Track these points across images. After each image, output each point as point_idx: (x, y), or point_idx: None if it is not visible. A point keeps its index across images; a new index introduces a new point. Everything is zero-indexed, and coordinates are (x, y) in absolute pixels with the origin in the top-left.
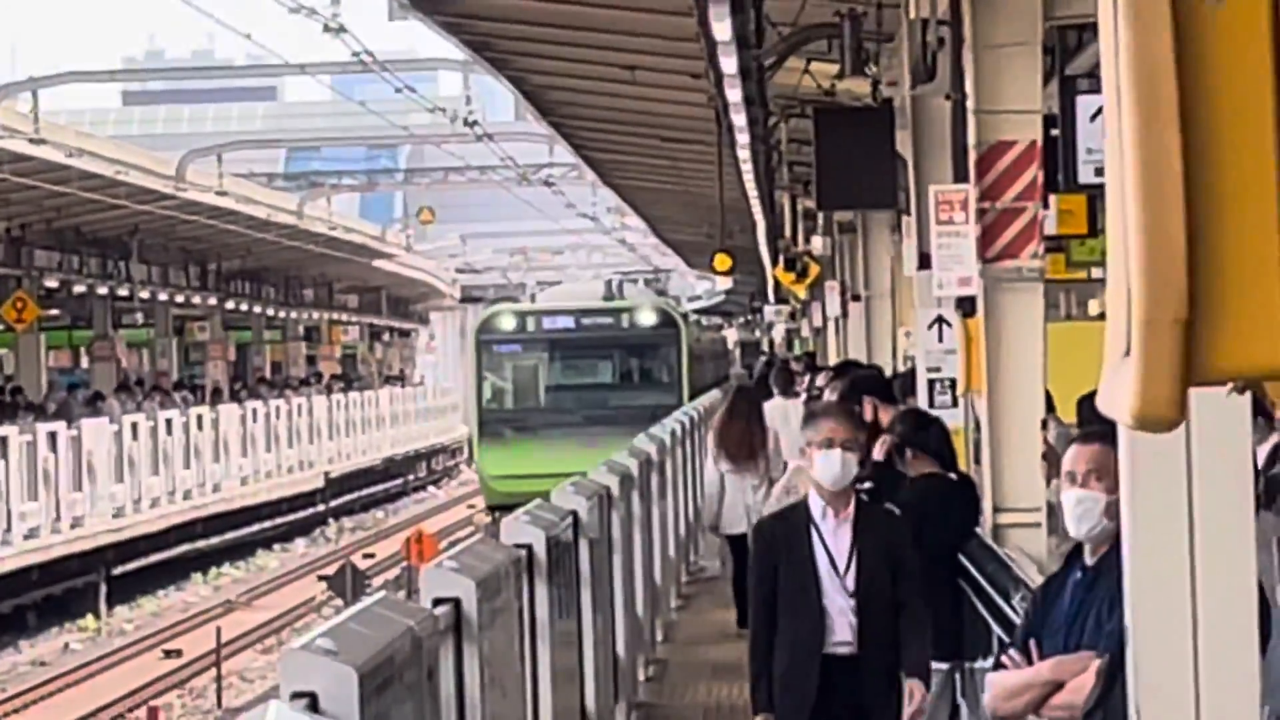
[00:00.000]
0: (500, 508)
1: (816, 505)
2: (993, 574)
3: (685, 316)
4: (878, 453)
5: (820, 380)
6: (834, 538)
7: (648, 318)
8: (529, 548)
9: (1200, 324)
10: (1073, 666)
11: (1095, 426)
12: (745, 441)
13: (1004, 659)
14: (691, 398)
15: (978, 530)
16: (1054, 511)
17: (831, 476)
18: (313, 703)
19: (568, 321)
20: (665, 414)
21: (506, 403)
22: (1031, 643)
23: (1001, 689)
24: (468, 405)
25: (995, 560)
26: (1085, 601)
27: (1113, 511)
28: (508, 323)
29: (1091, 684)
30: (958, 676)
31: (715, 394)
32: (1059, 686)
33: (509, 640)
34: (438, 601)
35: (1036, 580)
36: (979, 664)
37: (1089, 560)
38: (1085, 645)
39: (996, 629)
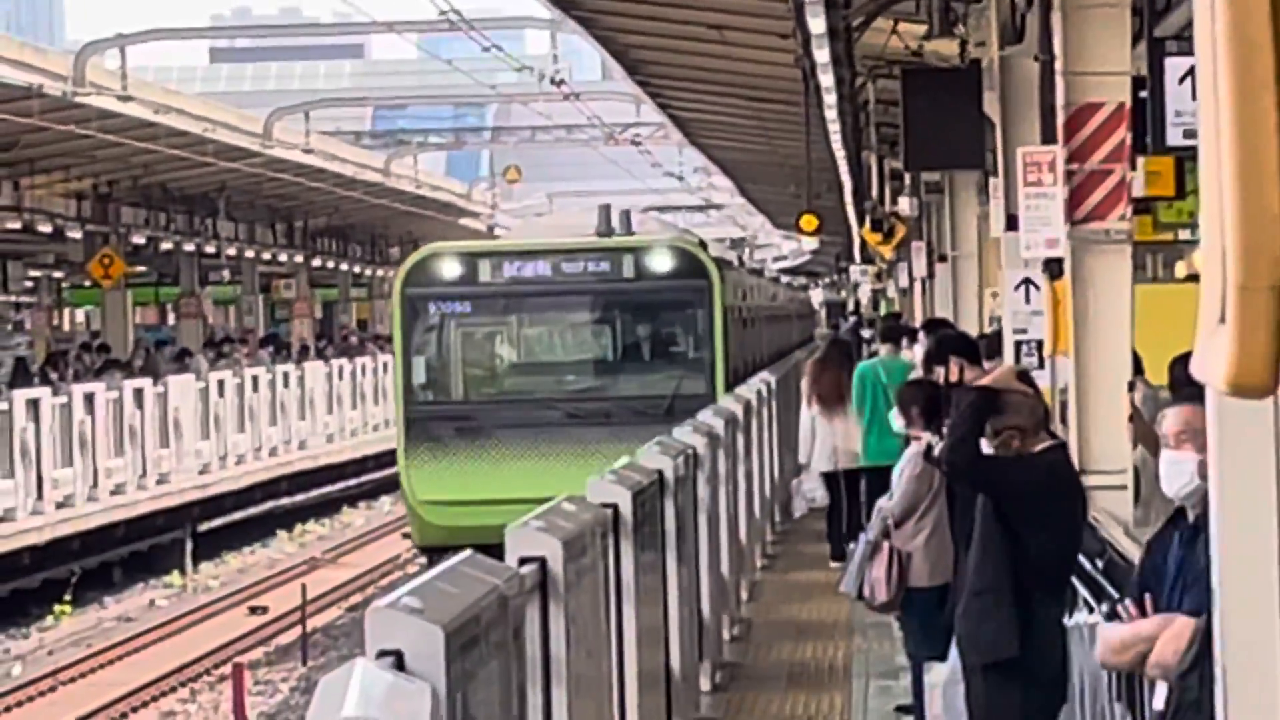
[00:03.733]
0: (437, 550)
1: None
2: None
3: (722, 262)
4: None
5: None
6: None
7: (662, 261)
8: (615, 507)
9: None
10: (1163, 626)
11: (1186, 389)
12: (836, 388)
13: (1119, 609)
14: (735, 382)
15: None
16: (1140, 474)
17: None
18: (399, 661)
19: (541, 267)
20: (691, 408)
21: (448, 392)
22: (1148, 597)
23: (1109, 642)
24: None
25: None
26: (1186, 559)
27: (1204, 470)
28: (449, 268)
29: (1176, 645)
30: None
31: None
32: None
33: (594, 599)
34: (524, 561)
35: (1122, 542)
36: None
37: (1190, 518)
38: (1185, 602)
39: (1082, 590)
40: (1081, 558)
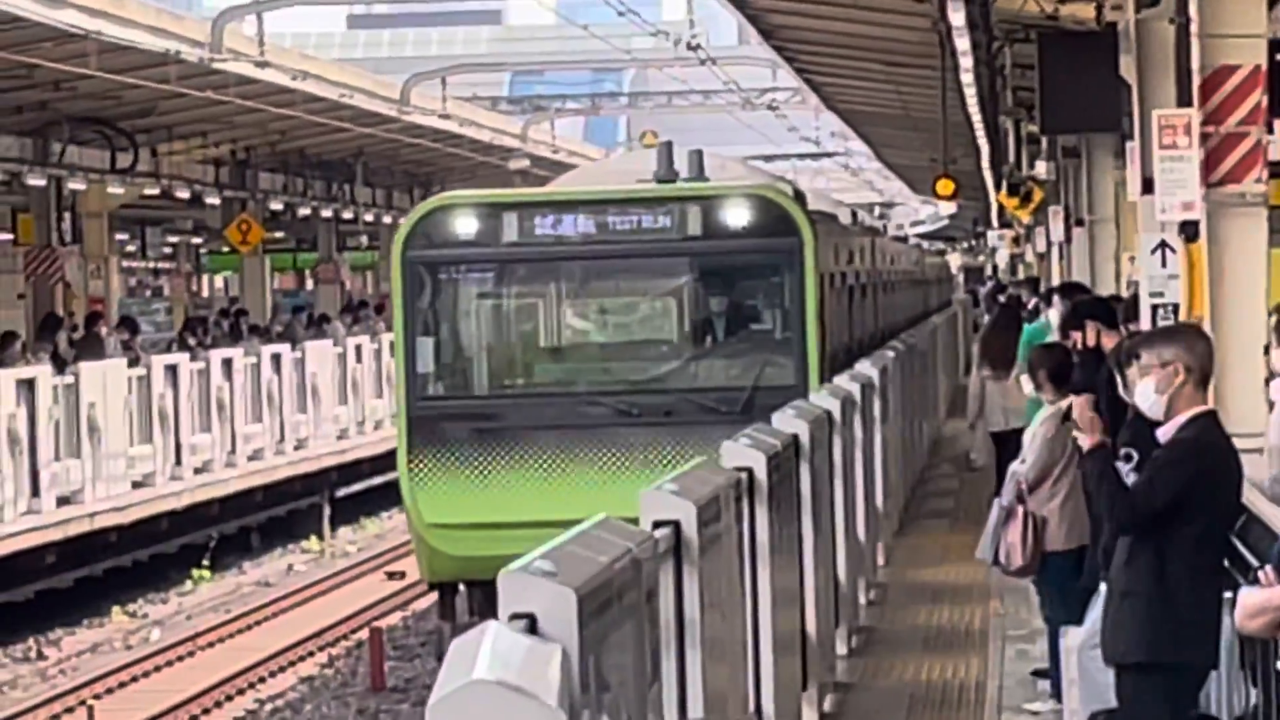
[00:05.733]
0: (449, 586)
1: None
2: None
3: (819, 216)
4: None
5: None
6: None
7: (739, 214)
8: (749, 471)
9: None
10: None
11: None
12: (1005, 352)
13: (1260, 574)
14: (834, 370)
15: None
16: None
17: None
18: (531, 624)
19: (583, 223)
20: (775, 402)
21: (463, 384)
22: None
23: (1244, 607)
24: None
25: None
26: None
27: None
28: (464, 224)
29: None
30: None
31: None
32: None
33: (729, 563)
34: (658, 524)
35: (1259, 505)
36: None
37: None
38: None
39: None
40: None
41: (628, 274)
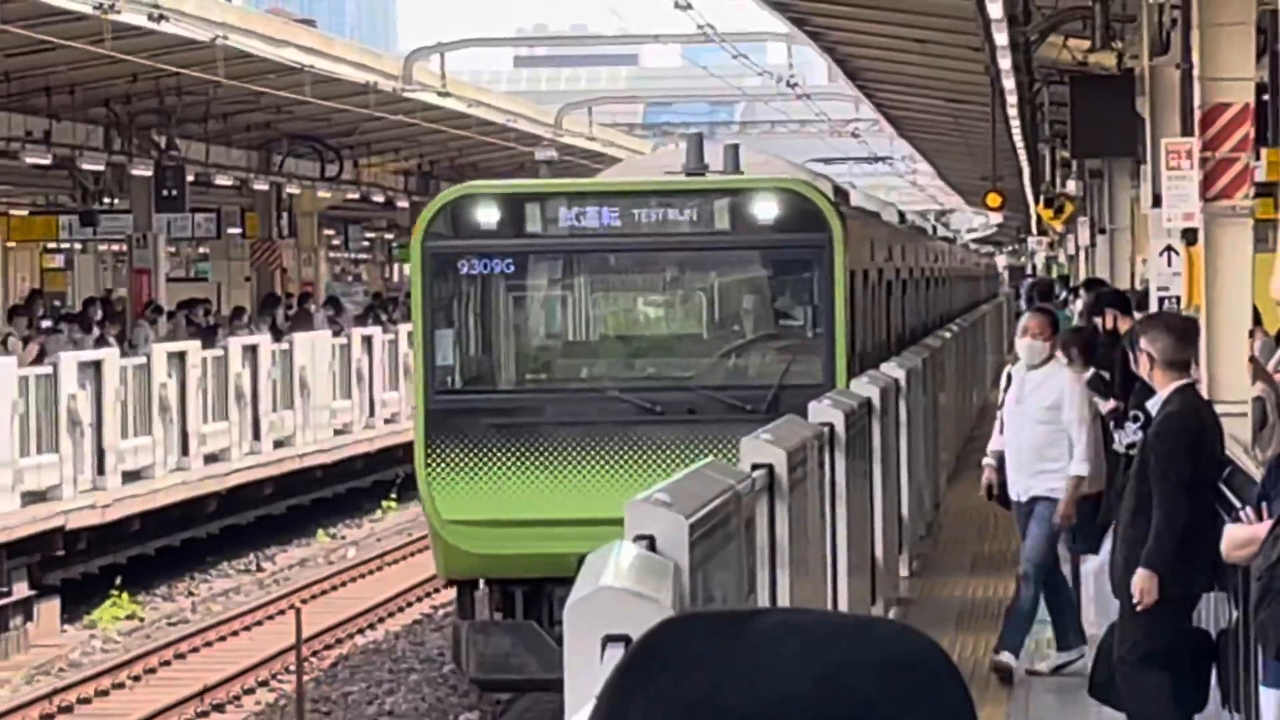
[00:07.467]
0: (469, 583)
1: None
2: None
3: (851, 211)
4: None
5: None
6: None
7: (766, 208)
8: (830, 425)
9: None
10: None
11: None
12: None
13: (1241, 514)
14: (864, 365)
15: None
16: (1265, 405)
17: None
18: (651, 544)
19: (607, 215)
20: (800, 402)
21: (482, 379)
22: (1264, 505)
23: (1230, 540)
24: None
25: None
26: None
27: None
28: (485, 214)
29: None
30: None
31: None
32: None
33: (813, 500)
34: (755, 466)
35: (1242, 459)
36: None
37: None
38: None
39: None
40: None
41: (652, 268)
